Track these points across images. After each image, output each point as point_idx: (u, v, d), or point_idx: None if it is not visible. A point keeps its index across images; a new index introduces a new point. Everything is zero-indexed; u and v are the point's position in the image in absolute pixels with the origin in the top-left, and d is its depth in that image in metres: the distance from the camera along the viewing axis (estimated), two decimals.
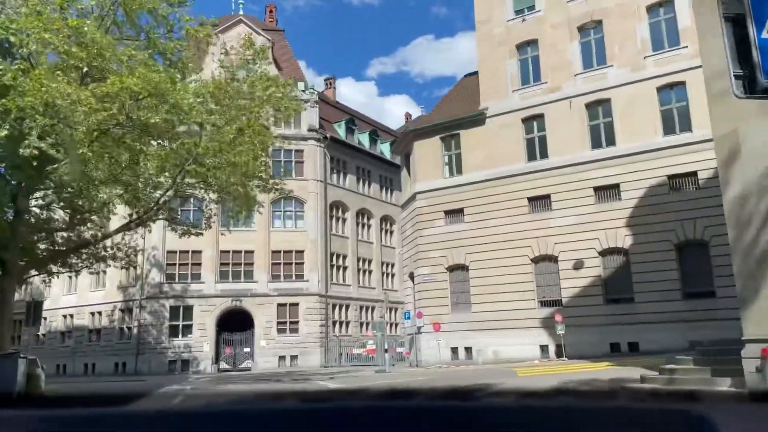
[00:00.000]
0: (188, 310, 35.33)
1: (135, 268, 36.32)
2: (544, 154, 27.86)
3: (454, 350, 28.00)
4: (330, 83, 51.44)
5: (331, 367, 34.96)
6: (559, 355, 25.11)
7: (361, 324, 40.81)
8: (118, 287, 36.66)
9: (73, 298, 38.46)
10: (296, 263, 37.42)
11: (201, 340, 34.94)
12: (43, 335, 39.05)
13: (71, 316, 38.30)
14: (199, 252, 36.09)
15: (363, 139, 44.75)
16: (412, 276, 30.47)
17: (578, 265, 25.73)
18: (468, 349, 27.63)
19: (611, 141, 26.51)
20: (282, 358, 35.78)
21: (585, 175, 26.30)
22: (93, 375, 35.95)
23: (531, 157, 28.33)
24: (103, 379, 31.67)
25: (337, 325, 38.79)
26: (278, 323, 36.19)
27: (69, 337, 37.05)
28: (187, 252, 35.91)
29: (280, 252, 37.18)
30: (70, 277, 39.11)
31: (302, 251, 37.65)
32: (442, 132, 30.89)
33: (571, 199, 26.45)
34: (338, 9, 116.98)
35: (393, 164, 46.89)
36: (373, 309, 42.10)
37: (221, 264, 36.30)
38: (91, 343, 36.60)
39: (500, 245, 27.44)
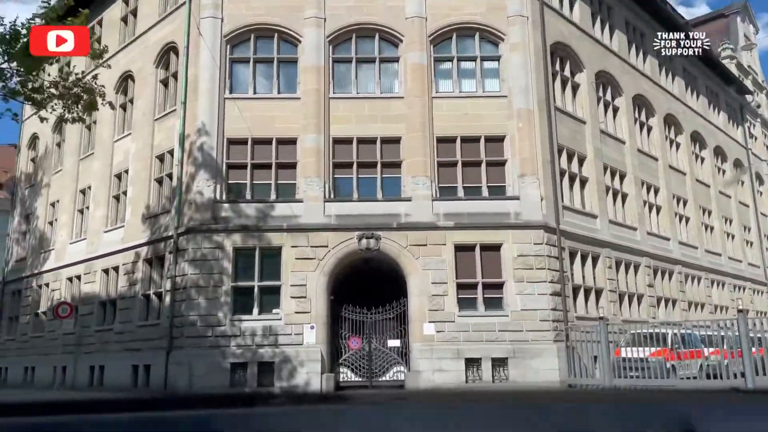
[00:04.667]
0: (271, 257, 16.68)
1: (170, 178, 18.43)
2: None
3: None
4: None
5: (601, 387, 14.53)
6: None
7: (620, 296, 19.98)
8: (144, 217, 18.89)
9: (81, 247, 21.32)
10: (489, 162, 17.56)
11: (297, 321, 16.13)
12: (44, 314, 22.55)
13: (78, 278, 21.18)
14: (291, 141, 17.43)
15: None
16: None
17: None
18: None
19: None
20: (473, 362, 15.90)
21: None
22: (100, 386, 18.51)
23: None
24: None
25: (580, 296, 18.31)
26: (458, 287, 16.49)
27: (76, 317, 19.96)
28: (267, 141, 17.40)
29: (454, 139, 17.53)
30: (81, 211, 22.21)
31: (501, 138, 17.71)
32: None
33: None
34: None
35: (650, 6, 25.53)
36: (636, 267, 21.10)
37: (335, 165, 17.37)
38: (99, 329, 19.35)
39: None
